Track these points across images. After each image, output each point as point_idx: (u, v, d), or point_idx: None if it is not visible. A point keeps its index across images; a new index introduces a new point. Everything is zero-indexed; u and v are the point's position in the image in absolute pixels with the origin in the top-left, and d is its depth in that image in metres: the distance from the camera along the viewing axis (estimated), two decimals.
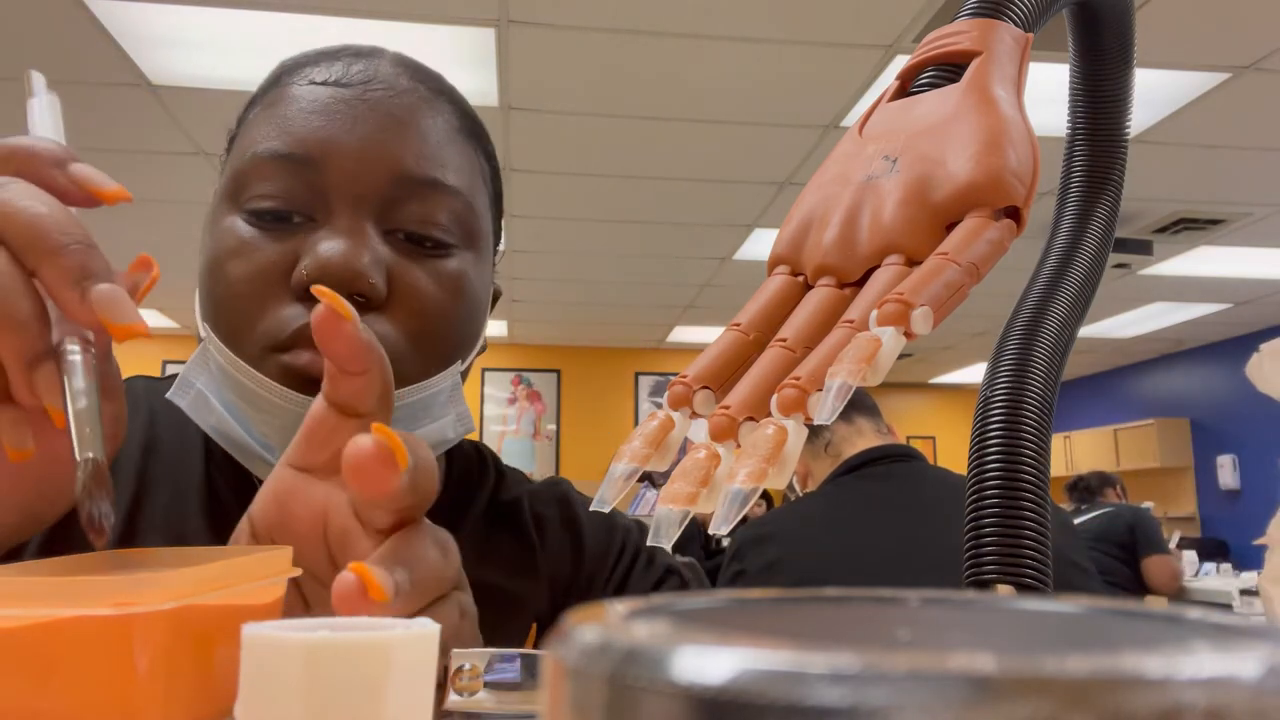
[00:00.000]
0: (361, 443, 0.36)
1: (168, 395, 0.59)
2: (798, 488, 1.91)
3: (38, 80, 0.47)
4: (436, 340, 0.60)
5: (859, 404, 1.81)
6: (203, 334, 0.59)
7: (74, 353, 0.37)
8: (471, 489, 0.74)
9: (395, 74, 0.62)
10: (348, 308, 0.39)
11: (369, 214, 0.58)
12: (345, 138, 0.58)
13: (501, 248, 0.71)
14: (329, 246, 0.55)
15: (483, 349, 0.67)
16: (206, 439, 0.66)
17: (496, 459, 0.79)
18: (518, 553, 0.72)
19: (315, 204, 0.58)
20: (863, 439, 1.75)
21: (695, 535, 4.18)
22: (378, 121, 0.59)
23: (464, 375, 0.64)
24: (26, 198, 0.38)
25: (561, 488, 0.80)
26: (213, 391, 0.58)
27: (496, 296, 0.71)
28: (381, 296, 0.57)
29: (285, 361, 0.55)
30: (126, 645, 0.28)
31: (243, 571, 0.34)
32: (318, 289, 0.39)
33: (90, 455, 0.35)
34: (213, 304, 0.58)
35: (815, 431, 1.78)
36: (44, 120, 0.45)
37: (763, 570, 1.55)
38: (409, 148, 0.59)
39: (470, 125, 0.65)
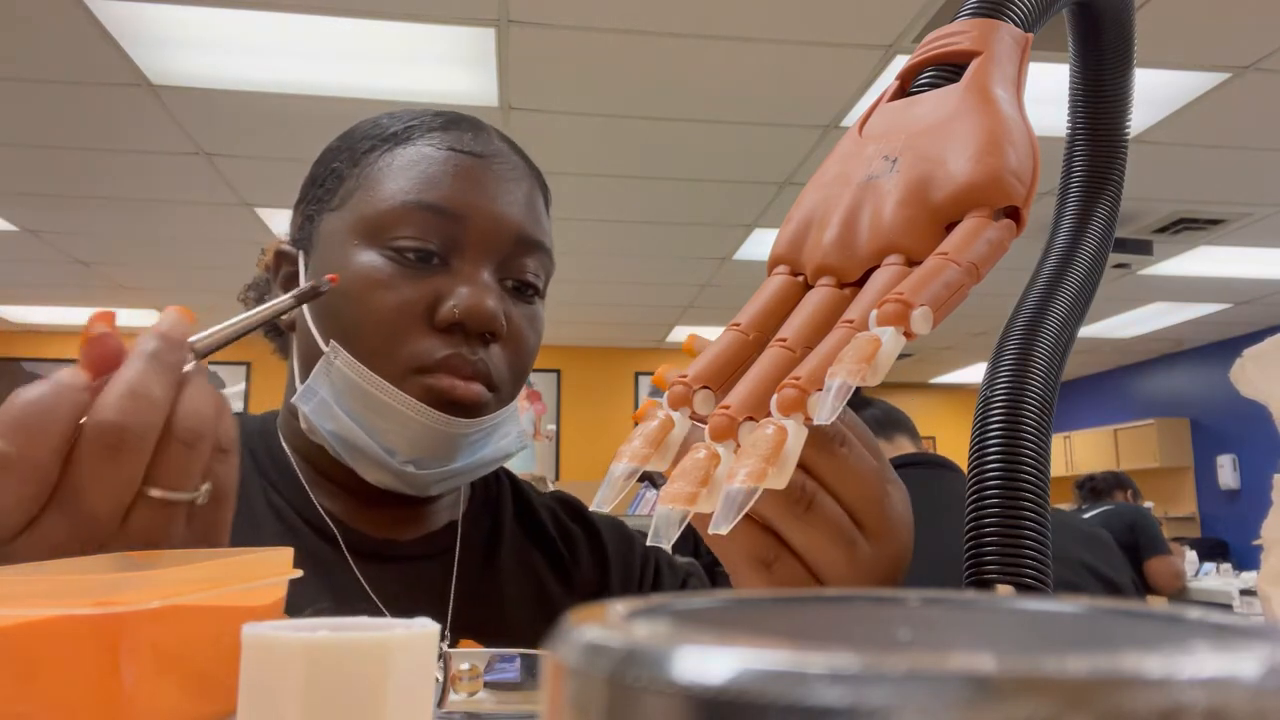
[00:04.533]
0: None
1: (293, 400, 0.68)
2: None
3: None
4: (525, 371, 0.73)
5: (901, 424, 1.90)
6: (325, 348, 0.67)
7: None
8: (498, 509, 0.81)
9: (506, 150, 0.75)
10: None
11: (491, 263, 0.70)
12: (483, 201, 0.70)
13: None
14: (473, 293, 0.67)
15: None
16: (254, 457, 0.72)
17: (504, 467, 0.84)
18: (552, 567, 0.79)
19: (452, 250, 0.69)
20: (898, 452, 1.82)
21: (690, 534, 4.17)
22: (506, 190, 0.71)
23: None
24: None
25: (571, 497, 0.87)
26: (334, 400, 0.67)
27: None
28: (504, 334, 0.69)
29: (429, 383, 0.66)
30: (110, 644, 0.28)
31: (239, 572, 0.34)
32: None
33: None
34: (351, 326, 0.67)
35: None
36: None
37: None
38: (526, 215, 0.72)
39: (545, 192, 0.78)
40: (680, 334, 7.16)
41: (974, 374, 8.44)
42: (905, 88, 0.41)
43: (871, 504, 0.39)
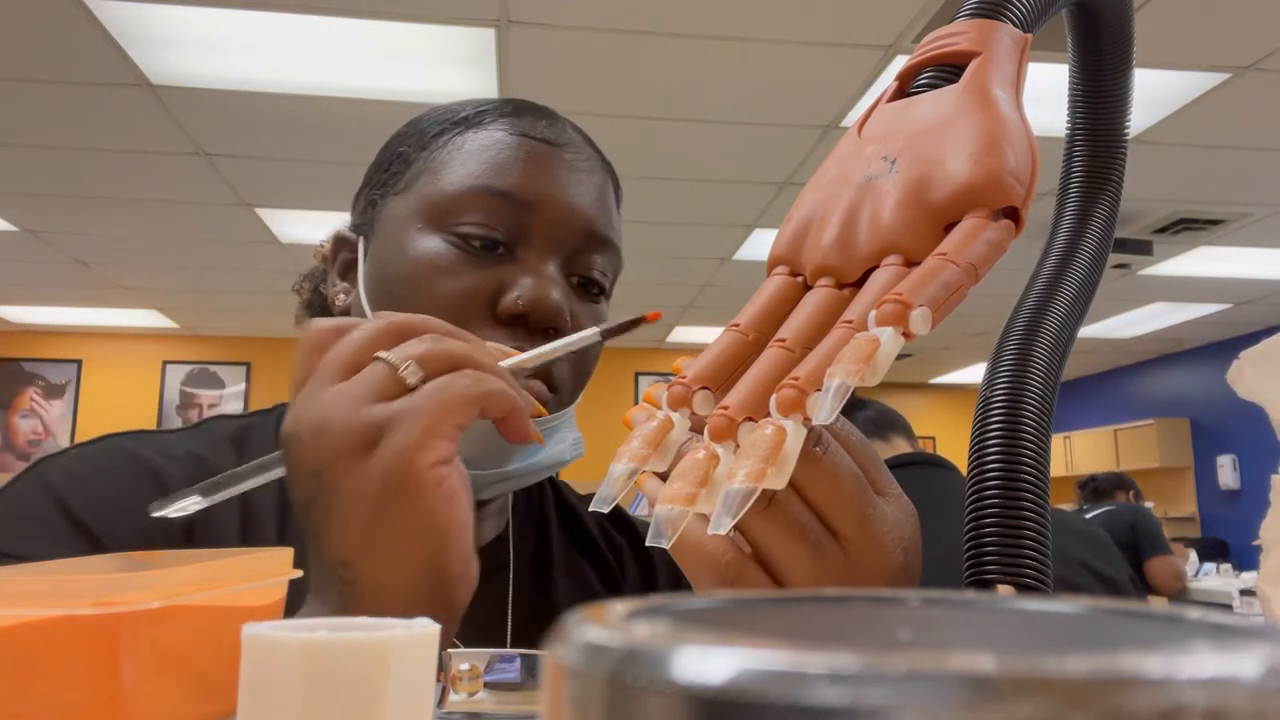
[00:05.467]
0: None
1: None
2: None
3: None
4: (587, 374, 0.70)
5: (897, 425, 1.91)
6: None
7: None
8: (543, 520, 0.77)
9: (579, 140, 0.72)
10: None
11: (558, 256, 0.66)
12: (555, 190, 0.66)
13: None
14: (538, 284, 0.64)
15: None
16: None
17: None
18: (602, 580, 0.77)
19: (518, 239, 0.65)
20: (895, 453, 1.82)
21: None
22: (578, 181, 0.68)
23: None
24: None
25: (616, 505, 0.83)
26: None
27: None
28: (568, 330, 0.66)
29: None
30: (110, 644, 0.28)
31: (239, 572, 0.34)
32: None
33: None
34: (410, 312, 0.63)
35: None
36: None
37: None
38: (598, 208, 0.69)
39: (618, 189, 0.75)
40: (680, 334, 7.16)
41: (974, 374, 8.44)
42: (904, 88, 0.41)
43: (846, 509, 0.38)
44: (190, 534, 0.62)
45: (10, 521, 0.59)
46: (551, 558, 0.75)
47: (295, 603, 0.47)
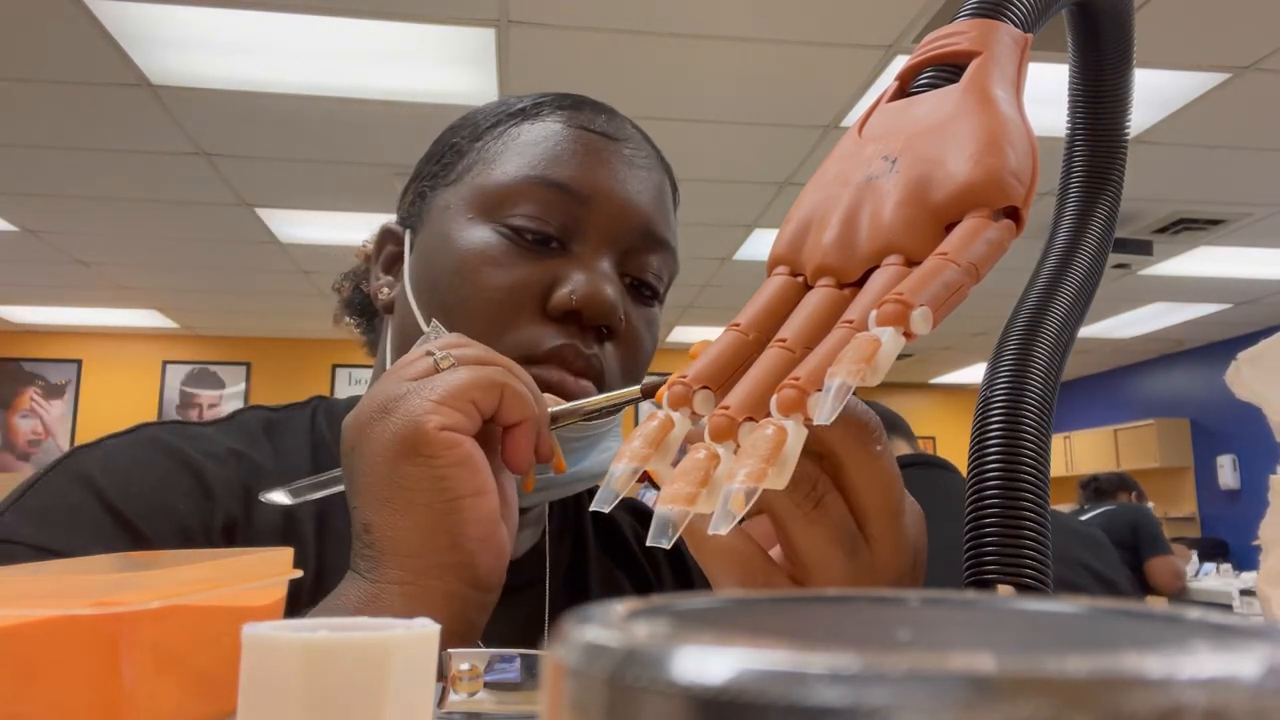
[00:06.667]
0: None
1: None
2: None
3: None
4: (637, 375, 0.66)
5: (897, 427, 1.93)
6: (427, 328, 0.63)
7: None
8: (579, 529, 0.75)
9: (639, 137, 0.70)
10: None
11: (613, 253, 0.64)
12: (613, 185, 0.64)
13: None
14: (592, 280, 0.61)
15: None
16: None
17: None
18: (639, 592, 0.75)
19: (572, 234, 0.63)
20: (895, 454, 1.85)
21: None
22: (637, 179, 0.66)
23: None
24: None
25: (644, 506, 0.81)
26: None
27: None
28: (621, 331, 0.64)
29: (538, 374, 0.59)
30: (110, 644, 0.28)
31: (239, 572, 0.34)
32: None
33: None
34: (457, 304, 0.62)
35: None
36: None
37: None
38: (655, 207, 0.67)
39: (675, 192, 0.73)
40: (680, 334, 7.16)
41: (974, 374, 8.44)
42: (905, 88, 0.41)
43: (884, 515, 0.39)
44: (231, 535, 0.60)
45: (48, 516, 0.57)
46: (588, 570, 0.73)
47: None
